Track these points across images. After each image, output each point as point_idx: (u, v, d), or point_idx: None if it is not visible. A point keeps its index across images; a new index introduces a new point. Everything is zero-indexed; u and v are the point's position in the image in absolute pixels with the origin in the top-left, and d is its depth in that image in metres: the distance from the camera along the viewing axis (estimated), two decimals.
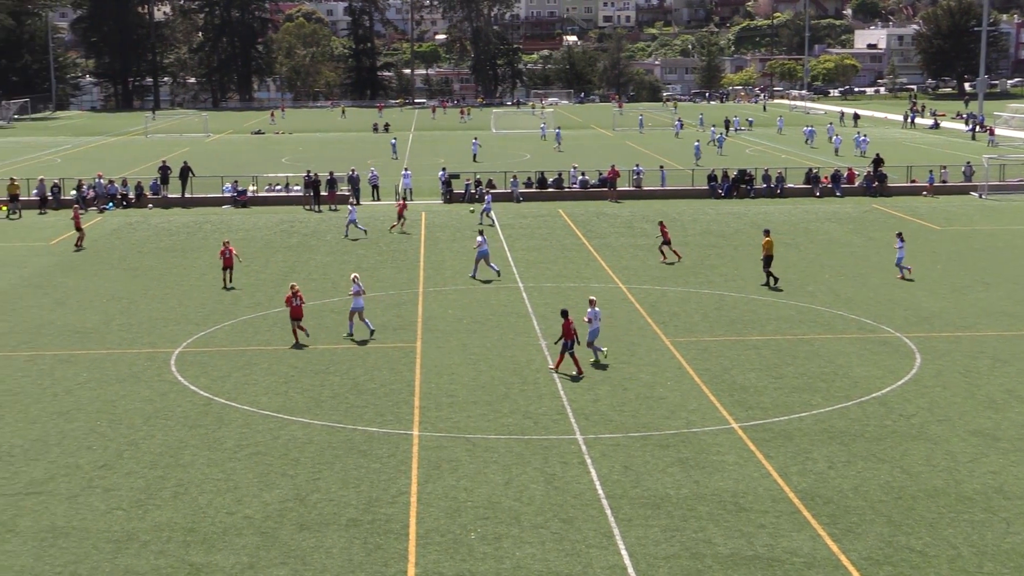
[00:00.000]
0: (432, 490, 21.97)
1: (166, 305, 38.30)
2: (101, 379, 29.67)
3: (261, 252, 48.52)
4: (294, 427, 25.75)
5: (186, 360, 31.49)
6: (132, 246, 50.71)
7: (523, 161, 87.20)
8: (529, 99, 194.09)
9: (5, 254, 48.44)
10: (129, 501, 21.50)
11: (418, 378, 29.54)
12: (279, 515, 20.82)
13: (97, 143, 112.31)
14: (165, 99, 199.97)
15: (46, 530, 20.20)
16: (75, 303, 38.76)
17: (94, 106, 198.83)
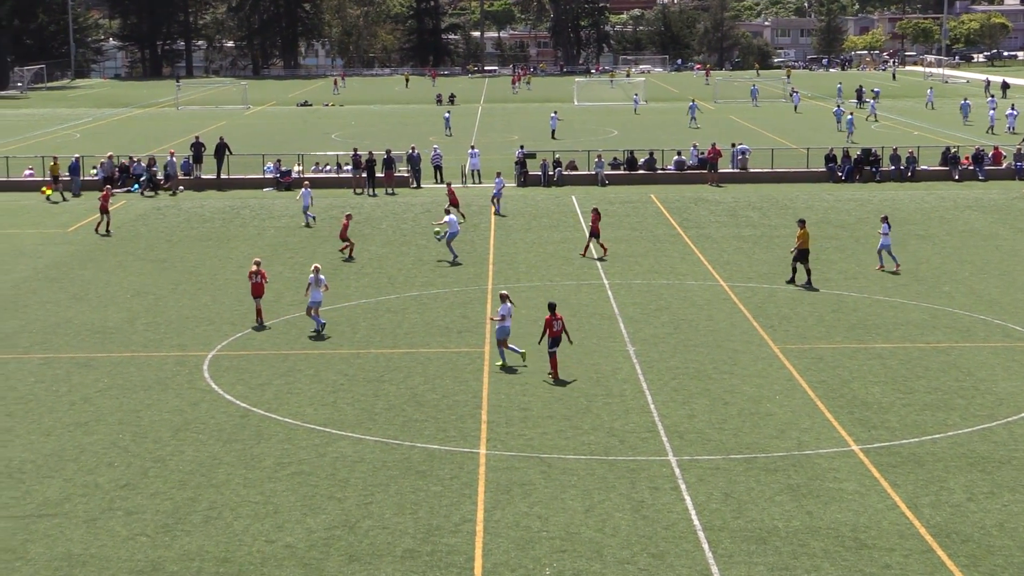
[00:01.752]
0: (501, 518, 22.03)
1: (198, 302, 38.80)
2: (124, 386, 30.14)
3: (306, 242, 48.97)
4: (343, 443, 25.96)
5: (221, 365, 31.88)
6: (160, 234, 51.45)
7: (609, 138, 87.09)
8: (617, 66, 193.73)
9: (18, 242, 49.38)
10: (154, 526, 21.82)
11: (486, 388, 29.62)
12: (325, 544, 21.00)
13: (121, 116, 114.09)
14: (199, 66, 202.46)
15: (60, 558, 20.56)
16: (95, 299, 39.41)
17: (118, 73, 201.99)
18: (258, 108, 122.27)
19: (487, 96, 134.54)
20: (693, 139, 74.50)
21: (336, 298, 38.90)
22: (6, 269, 43.81)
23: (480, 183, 64.49)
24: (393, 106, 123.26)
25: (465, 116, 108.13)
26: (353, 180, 64.00)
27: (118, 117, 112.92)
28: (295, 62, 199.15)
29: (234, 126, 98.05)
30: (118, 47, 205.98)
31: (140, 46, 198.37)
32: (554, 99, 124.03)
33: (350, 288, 40.54)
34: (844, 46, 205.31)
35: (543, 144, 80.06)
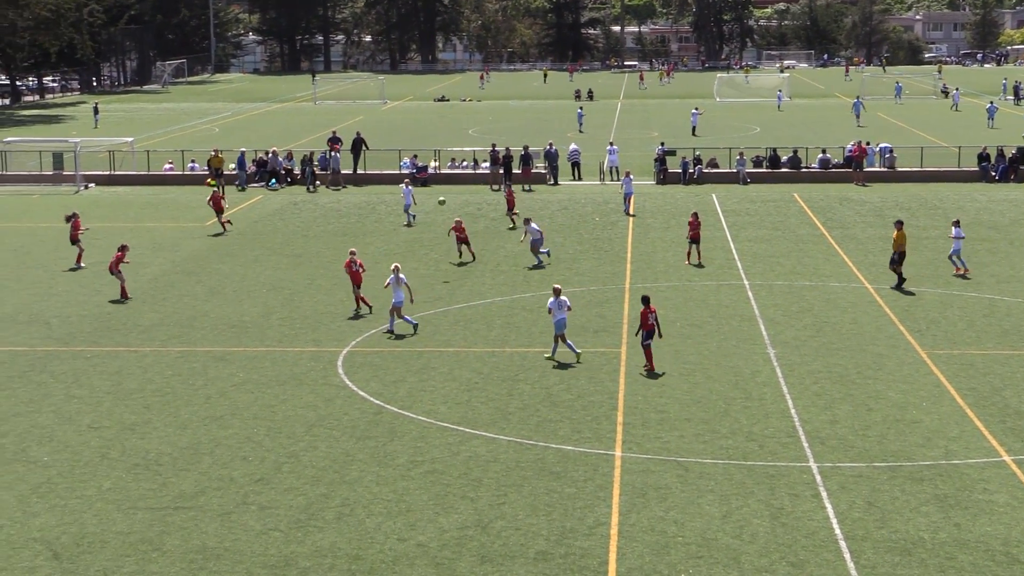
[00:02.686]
0: (636, 521, 21.96)
1: (333, 297, 39.32)
2: (259, 381, 30.67)
3: (443, 239, 49.29)
4: (476, 442, 26.10)
5: (355, 361, 32.28)
6: (296, 229, 52.24)
7: (752, 135, 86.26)
8: (760, 61, 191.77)
9: (157, 235, 50.55)
10: (288, 521, 22.17)
11: (622, 389, 29.56)
12: (457, 544, 21.14)
13: (259, 110, 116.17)
14: (337, 60, 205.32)
15: (195, 551, 21.00)
16: (231, 292, 40.18)
17: (257, 68, 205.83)
18: (395, 103, 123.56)
19: (626, 92, 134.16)
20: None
21: (471, 295, 39.15)
22: (144, 262, 44.87)
23: (618, 180, 64.32)
24: (531, 102, 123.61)
25: (604, 112, 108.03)
26: (490, 177, 64.30)
27: (256, 112, 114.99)
28: (433, 56, 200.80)
29: (371, 121, 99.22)
30: (257, 42, 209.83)
31: (279, 40, 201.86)
32: (695, 95, 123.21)
33: (485, 286, 40.74)
34: (1000, 40, 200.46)
35: (683, 141, 79.62)
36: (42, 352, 33.31)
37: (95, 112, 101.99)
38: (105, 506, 22.77)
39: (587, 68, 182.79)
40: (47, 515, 22.37)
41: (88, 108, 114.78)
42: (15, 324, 36.26)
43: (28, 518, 22.24)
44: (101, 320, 36.63)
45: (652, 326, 30.77)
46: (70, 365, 32.04)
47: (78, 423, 27.48)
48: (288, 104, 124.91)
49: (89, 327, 35.91)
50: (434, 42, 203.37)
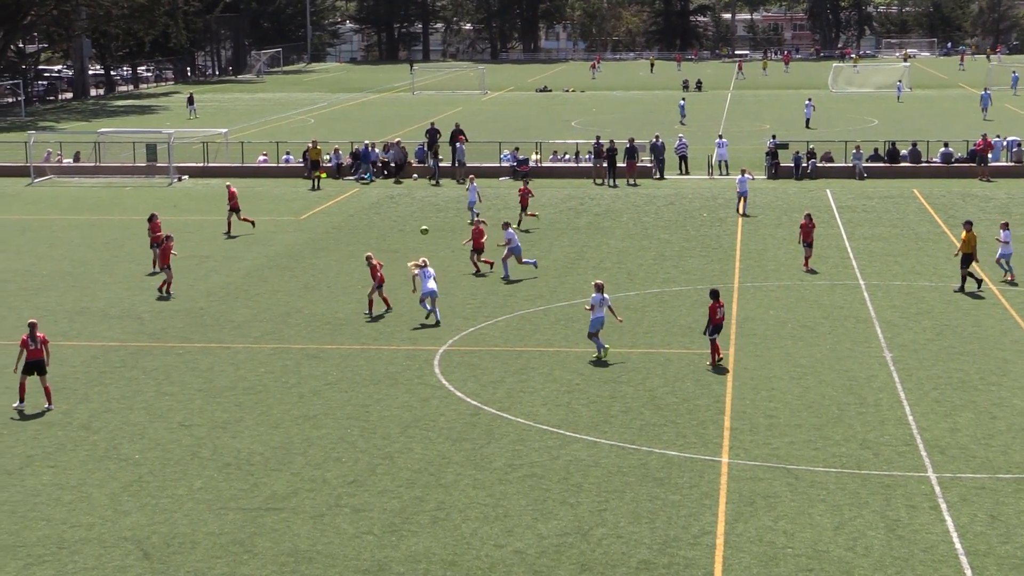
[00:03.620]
0: (743, 531, 21.82)
1: None
2: (353, 379, 30.93)
3: (544, 235, 49.37)
4: (577, 446, 26.10)
5: (452, 361, 32.42)
6: (392, 223, 52.59)
7: (869, 128, 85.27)
8: (879, 50, 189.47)
9: (250, 229, 51.09)
10: (381, 525, 22.33)
11: (729, 393, 29.39)
12: (556, 551, 21.15)
13: (356, 101, 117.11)
14: (436, 49, 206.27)
15: (287, 553, 21.22)
16: (326, 289, 40.54)
17: (354, 57, 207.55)
18: (496, 93, 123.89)
19: (737, 82, 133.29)
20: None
21: (573, 293, 39.15)
22: (238, 256, 45.43)
23: (727, 175, 63.95)
24: (637, 92, 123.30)
25: (713, 103, 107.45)
26: (593, 170, 64.26)
27: (353, 102, 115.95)
28: (535, 45, 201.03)
29: (470, 112, 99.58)
30: (354, 30, 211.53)
31: (377, 29, 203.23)
32: (809, 85, 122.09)
33: (587, 284, 40.66)
34: None
35: (796, 134, 78.90)
36: (134, 348, 33.88)
37: (190, 103, 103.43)
38: (196, 506, 23.11)
39: (694, 57, 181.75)
40: (138, 514, 22.75)
41: (182, 98, 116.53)
42: (107, 319, 36.93)
43: (119, 517, 22.64)
44: (193, 315, 37.17)
45: (721, 320, 31.27)
46: (162, 361, 32.55)
47: (169, 420, 27.91)
48: (385, 94, 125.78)
49: (181, 322, 36.45)
50: (536, 30, 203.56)
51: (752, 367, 31.34)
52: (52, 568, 20.60)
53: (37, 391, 28.92)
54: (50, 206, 58.74)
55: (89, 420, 27.96)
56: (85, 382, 30.80)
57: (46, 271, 43.52)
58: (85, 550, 21.26)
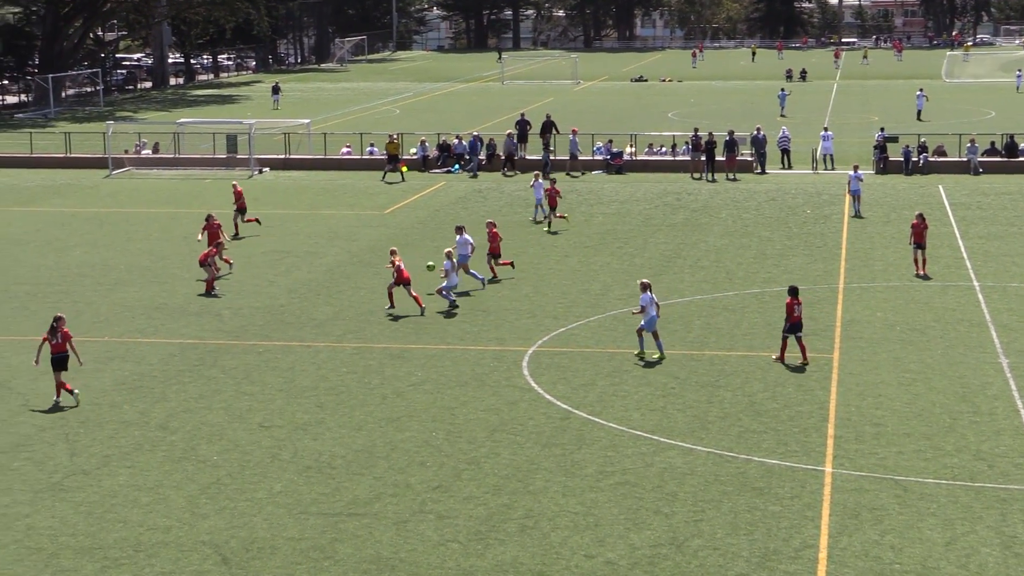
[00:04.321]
0: (847, 545, 21.64)
1: (519, 293, 39.58)
2: (438, 381, 31.05)
3: (638, 231, 49.28)
4: (672, 452, 26.03)
5: (541, 362, 32.45)
6: (480, 218, 52.61)
7: (985, 120, 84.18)
8: (998, 37, 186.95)
9: (333, 223, 51.54)
10: (467, 532, 22.40)
11: (833, 399, 29.16)
12: (649, 563, 21.11)
13: (443, 91, 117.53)
14: (526, 37, 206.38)
15: (369, 560, 21.36)
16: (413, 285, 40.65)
17: (441, 45, 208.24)
18: (588, 83, 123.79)
19: (843, 72, 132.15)
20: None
21: (668, 293, 39.03)
22: (320, 252, 45.79)
23: (832, 169, 63.41)
24: (737, 82, 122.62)
25: (818, 94, 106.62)
26: (691, 164, 64.00)
27: (439, 92, 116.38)
28: (630, 33, 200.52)
29: (562, 103, 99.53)
30: (442, 17, 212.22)
31: (465, 16, 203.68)
32: (922, 75, 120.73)
33: (684, 283, 40.59)
34: None
35: (907, 126, 78.11)
36: (213, 345, 34.27)
37: (275, 92, 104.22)
38: (276, 510, 23.33)
39: (798, 45, 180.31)
40: (216, 517, 23.02)
41: (263, 88, 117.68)
42: (185, 315, 37.38)
43: (197, 520, 22.91)
44: (273, 313, 37.52)
45: (799, 318, 31.53)
46: (241, 360, 32.90)
47: (248, 421, 28.20)
48: (473, 84, 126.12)
49: (261, 320, 36.82)
50: (632, 17, 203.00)
51: (858, 372, 31.07)
52: (129, 571, 20.90)
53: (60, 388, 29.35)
54: (128, 199, 59.57)
55: (167, 420, 28.33)
56: (163, 380, 31.21)
57: (123, 265, 44.14)
58: (162, 553, 21.55)
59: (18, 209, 56.80)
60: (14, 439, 27.19)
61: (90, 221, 53.00)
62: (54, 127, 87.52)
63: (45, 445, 26.83)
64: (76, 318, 36.88)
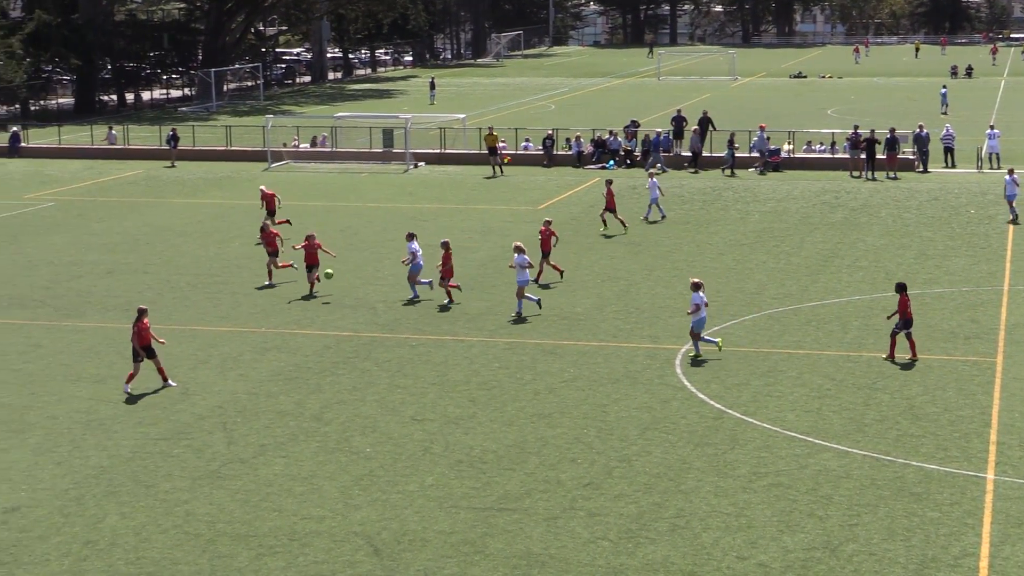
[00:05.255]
0: (1010, 555, 21.20)
1: (673, 291, 39.44)
2: (590, 377, 31.07)
3: (795, 229, 48.79)
4: (827, 455, 25.73)
5: (695, 360, 32.30)
6: (635, 215, 52.50)
7: None
8: None
9: (489, 218, 51.84)
10: (617, 530, 22.39)
11: (996, 404, 28.59)
12: (803, 566, 20.90)
13: (598, 86, 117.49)
14: (683, 31, 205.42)
15: (519, 555, 21.46)
16: (563, 282, 40.77)
17: (597, 40, 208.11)
18: (746, 79, 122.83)
19: (1011, 68, 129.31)
20: None
21: (825, 293, 38.62)
22: (473, 247, 46.06)
23: (998, 168, 62.05)
24: (899, 79, 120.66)
25: (984, 91, 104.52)
26: (850, 162, 63.16)
27: (595, 88, 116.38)
28: (790, 29, 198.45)
29: (719, 99, 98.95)
30: (598, 12, 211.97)
31: (621, 11, 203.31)
32: None
33: (841, 283, 40.08)
34: None
35: None
36: (367, 338, 34.69)
37: (431, 88, 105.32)
38: (427, 503, 23.55)
39: (964, 41, 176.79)
40: (368, 509, 23.30)
41: (419, 82, 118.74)
42: (341, 308, 37.88)
43: (350, 511, 23.22)
44: (427, 307, 37.84)
45: (911, 315, 31.65)
46: (395, 353, 33.25)
47: (401, 414, 28.49)
48: (629, 80, 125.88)
49: (415, 314, 37.17)
50: (792, 13, 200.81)
51: (1022, 377, 30.41)
52: (283, 559, 21.27)
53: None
54: (286, 191, 60.38)
55: (321, 411, 28.75)
56: (317, 372, 31.68)
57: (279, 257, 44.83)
58: (315, 543, 21.88)
59: (181, 201, 58.09)
60: (174, 427, 27.82)
61: (249, 213, 53.91)
62: (216, 121, 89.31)
63: (204, 433, 27.41)
64: (234, 309, 37.67)
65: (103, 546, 21.88)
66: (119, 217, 53.87)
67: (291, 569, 20.93)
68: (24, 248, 47.42)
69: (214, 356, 33.12)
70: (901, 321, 31.60)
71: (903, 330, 31.62)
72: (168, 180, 64.12)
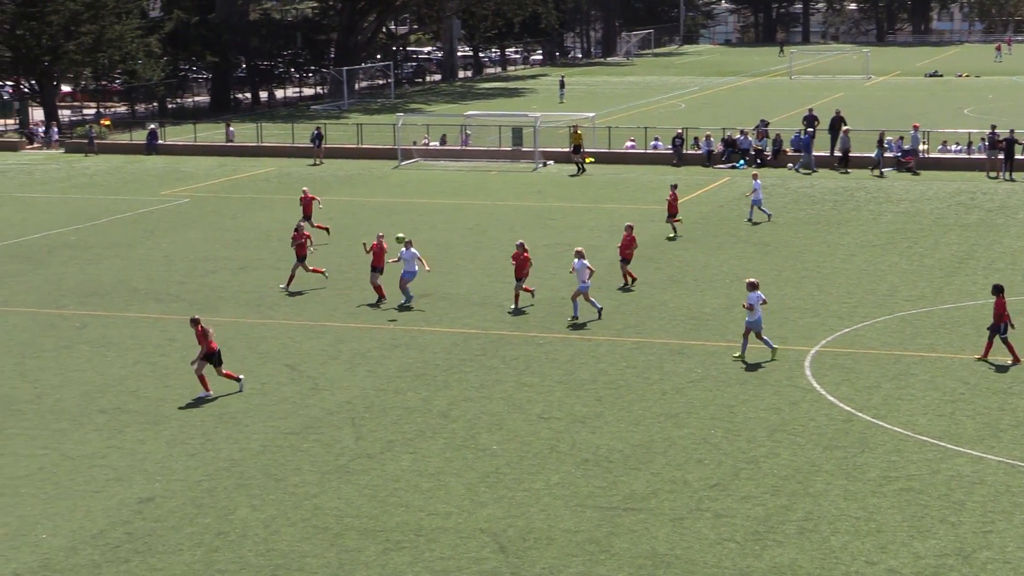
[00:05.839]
0: None
1: (803, 291, 39.09)
2: (718, 378, 30.89)
3: (929, 231, 48.09)
4: (960, 460, 25.32)
5: (824, 362, 31.97)
6: (763, 215, 52.17)
7: None
8: None
9: (615, 217, 51.68)
10: (744, 532, 22.24)
11: None
12: (934, 573, 20.57)
13: (729, 85, 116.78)
14: (816, 30, 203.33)
15: (645, 556, 21.40)
16: (691, 282, 40.61)
17: (728, 39, 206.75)
18: (880, 78, 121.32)
19: None
20: None
21: (959, 295, 38.03)
22: (602, 246, 45.94)
23: None
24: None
25: None
26: (987, 162, 62.17)
27: (725, 87, 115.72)
28: (925, 27, 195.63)
29: (852, 98, 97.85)
30: (730, 10, 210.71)
31: (753, 9, 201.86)
32: None
33: (976, 285, 39.40)
34: None
35: None
36: (495, 336, 34.81)
37: (561, 86, 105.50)
38: (553, 501, 23.58)
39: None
40: (494, 506, 23.39)
41: (549, 81, 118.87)
42: (469, 305, 38.06)
43: (476, 508, 23.33)
44: (554, 305, 37.86)
45: (1008, 318, 31.24)
46: (522, 351, 33.33)
47: (528, 412, 28.56)
48: (760, 79, 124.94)
49: (542, 312, 37.22)
50: (928, 11, 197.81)
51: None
52: (410, 555, 21.43)
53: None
54: (415, 189, 60.98)
55: (448, 408, 28.92)
56: (445, 369, 31.86)
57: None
58: (442, 539, 22.02)
59: None
60: (304, 421, 28.16)
61: (379, 210, 54.43)
62: (347, 118, 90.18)
63: (333, 428, 27.71)
64: (363, 305, 37.96)
65: (234, 537, 22.23)
66: (251, 213, 54.67)
67: (417, 564, 21.08)
68: (160, 243, 48.32)
69: (343, 352, 33.47)
70: (998, 324, 31.24)
71: (999, 334, 31.28)
72: (299, 177, 64.89)
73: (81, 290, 40.86)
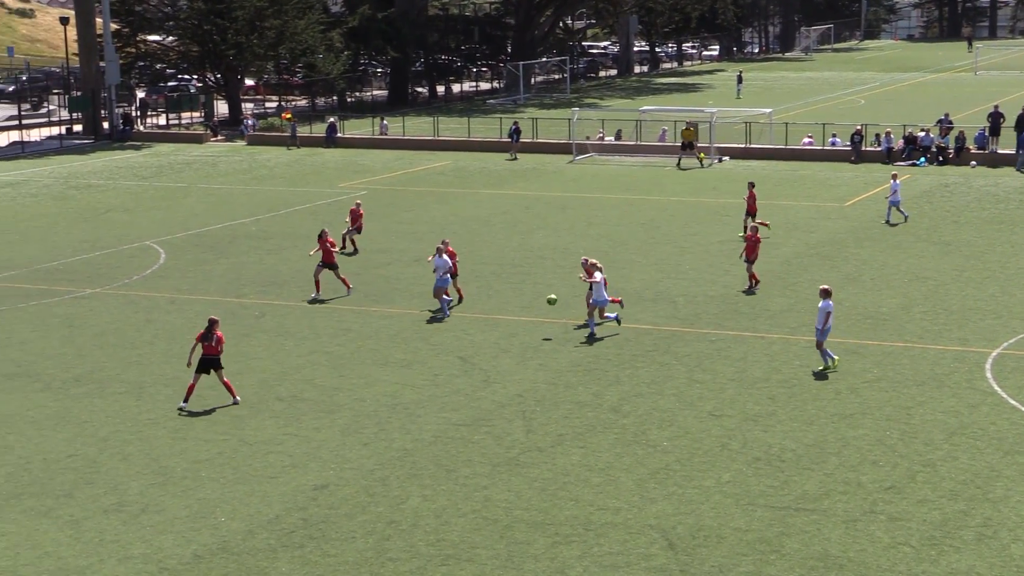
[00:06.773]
0: None
1: (984, 292, 38.23)
2: (894, 379, 30.34)
3: None
4: None
5: (1006, 365, 31.22)
6: (946, 214, 51.18)
7: None
8: None
9: (792, 214, 51.20)
10: (920, 537, 21.80)
11: None
12: None
13: (910, 81, 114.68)
14: (1003, 24, 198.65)
15: (816, 557, 21.11)
16: (869, 280, 39.97)
17: (911, 34, 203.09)
18: None
19: None
20: None
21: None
22: (777, 243, 45.51)
23: None
24: None
25: None
26: None
27: (907, 82, 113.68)
28: None
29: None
30: (913, 5, 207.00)
31: (938, 4, 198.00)
32: None
33: None
34: None
35: None
36: (667, 332, 34.66)
37: (738, 81, 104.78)
38: (723, 499, 23.39)
39: None
40: (664, 503, 23.28)
41: (726, 76, 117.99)
42: (641, 301, 37.94)
43: (645, 504, 23.25)
44: (728, 302, 37.59)
45: None
46: (694, 347, 33.12)
47: (699, 409, 28.37)
48: (944, 74, 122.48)
49: (715, 309, 36.95)
50: None
51: None
52: (578, 548, 21.43)
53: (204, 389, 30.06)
54: (589, 184, 61.00)
55: (619, 403, 28.86)
56: (617, 364, 31.80)
57: (583, 249, 45.16)
58: (611, 534, 21.98)
59: (487, 191, 59.15)
60: (476, 413, 28.34)
61: (552, 205, 54.56)
62: (523, 113, 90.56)
63: (504, 421, 27.84)
64: (535, 300, 38.09)
65: (405, 527, 22.46)
66: (426, 206, 55.20)
67: (586, 559, 21.08)
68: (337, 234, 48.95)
69: (515, 345, 33.61)
70: None
71: None
72: (475, 171, 65.38)
73: (260, 279, 41.69)
